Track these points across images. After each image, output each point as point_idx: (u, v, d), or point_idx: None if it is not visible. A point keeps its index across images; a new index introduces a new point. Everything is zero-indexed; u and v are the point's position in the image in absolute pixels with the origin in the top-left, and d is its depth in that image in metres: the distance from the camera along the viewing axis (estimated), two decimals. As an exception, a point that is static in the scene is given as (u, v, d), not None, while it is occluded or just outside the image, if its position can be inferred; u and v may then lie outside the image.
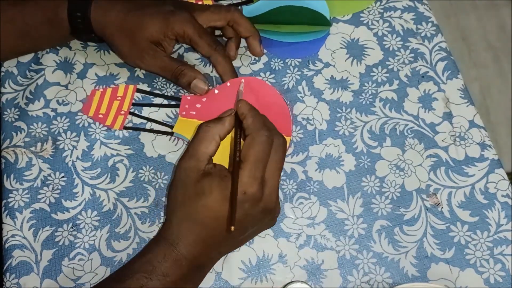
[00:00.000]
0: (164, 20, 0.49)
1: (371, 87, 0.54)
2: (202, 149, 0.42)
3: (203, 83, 0.51)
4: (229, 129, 0.44)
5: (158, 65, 0.51)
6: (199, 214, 0.41)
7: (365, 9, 0.58)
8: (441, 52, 0.55)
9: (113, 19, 0.49)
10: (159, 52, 0.50)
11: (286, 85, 0.54)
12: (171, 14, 0.49)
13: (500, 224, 0.48)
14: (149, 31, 0.49)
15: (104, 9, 0.49)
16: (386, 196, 0.49)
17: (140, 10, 0.49)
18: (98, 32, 0.50)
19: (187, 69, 0.51)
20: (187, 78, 0.50)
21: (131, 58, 0.51)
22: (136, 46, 0.50)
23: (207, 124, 0.44)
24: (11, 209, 0.48)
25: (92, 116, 0.52)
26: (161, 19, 0.49)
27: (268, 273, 0.46)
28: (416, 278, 0.46)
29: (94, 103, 0.52)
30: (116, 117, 0.52)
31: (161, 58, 0.50)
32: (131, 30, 0.49)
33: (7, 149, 0.50)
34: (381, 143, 0.51)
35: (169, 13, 0.49)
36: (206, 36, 0.50)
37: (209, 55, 0.51)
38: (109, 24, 0.49)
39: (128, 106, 0.52)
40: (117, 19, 0.49)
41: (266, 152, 0.42)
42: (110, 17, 0.49)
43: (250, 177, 0.41)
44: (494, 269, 0.46)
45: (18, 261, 0.46)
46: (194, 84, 0.50)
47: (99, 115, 0.52)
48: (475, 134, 0.51)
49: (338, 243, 0.47)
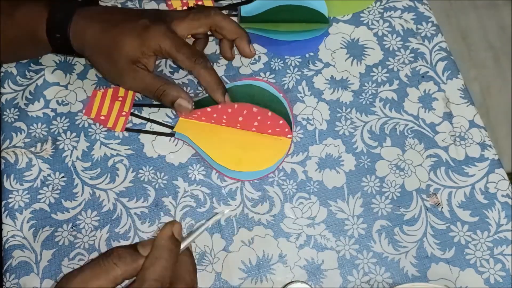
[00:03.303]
0: (139, 37, 0.46)
1: (371, 87, 0.54)
2: (94, 283, 0.34)
3: (187, 102, 0.48)
4: (133, 274, 0.36)
5: (138, 86, 0.49)
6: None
7: (365, 9, 0.58)
8: (441, 52, 0.55)
9: (90, 40, 0.47)
10: (138, 72, 0.47)
11: (286, 85, 0.54)
12: (145, 29, 0.46)
13: (500, 224, 0.48)
14: (125, 50, 0.46)
15: (82, 28, 0.47)
16: (386, 196, 0.49)
17: (115, 28, 0.47)
18: (78, 52, 0.49)
19: (169, 88, 0.48)
20: (170, 98, 0.48)
21: (111, 78, 0.50)
22: (114, 66, 0.48)
23: (119, 259, 0.35)
24: (11, 210, 0.48)
25: (93, 118, 0.52)
26: (135, 36, 0.46)
27: (268, 273, 0.46)
28: (416, 278, 0.46)
29: (96, 105, 0.52)
30: (117, 119, 0.52)
31: (141, 78, 0.48)
32: (108, 51, 0.47)
33: (7, 149, 0.50)
34: (381, 143, 0.51)
35: (143, 29, 0.46)
36: (184, 48, 0.47)
37: (190, 69, 0.48)
38: (87, 44, 0.48)
39: (129, 107, 0.52)
40: (94, 39, 0.47)
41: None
42: (87, 37, 0.47)
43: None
44: (494, 269, 0.46)
45: (18, 261, 0.46)
46: (178, 104, 0.48)
47: (101, 116, 0.52)
48: (475, 134, 0.51)
49: (338, 243, 0.47)
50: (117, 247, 0.37)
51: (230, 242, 0.47)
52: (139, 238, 0.47)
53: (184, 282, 0.36)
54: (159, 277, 0.34)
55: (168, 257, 0.35)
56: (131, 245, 0.37)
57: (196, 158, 0.50)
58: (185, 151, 0.51)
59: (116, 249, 0.36)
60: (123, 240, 0.47)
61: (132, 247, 0.37)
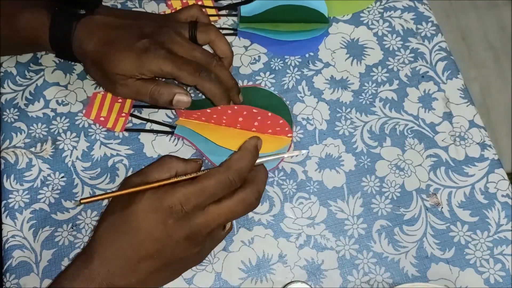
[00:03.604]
0: (138, 59, 0.46)
1: (371, 87, 0.54)
2: (154, 174, 0.41)
3: (185, 95, 0.48)
4: (188, 171, 0.42)
5: (132, 92, 0.48)
6: (123, 224, 0.38)
7: (365, 9, 0.58)
8: (441, 52, 0.55)
9: (88, 52, 0.47)
10: (130, 79, 0.47)
11: (286, 85, 0.54)
12: (145, 52, 0.45)
13: (500, 224, 0.48)
14: (122, 69, 0.46)
15: (82, 40, 0.47)
16: (386, 196, 0.49)
17: (114, 45, 0.47)
18: (80, 59, 0.50)
19: (163, 87, 0.48)
20: (166, 97, 0.48)
21: (105, 87, 0.51)
22: (109, 79, 0.48)
23: (171, 157, 0.43)
24: (11, 210, 0.48)
25: (94, 119, 0.52)
26: (134, 58, 0.46)
27: (268, 273, 0.46)
28: (416, 278, 0.46)
29: (96, 106, 0.52)
30: (117, 120, 0.52)
31: (133, 84, 0.47)
32: (104, 66, 0.47)
33: (7, 149, 0.50)
34: (381, 143, 0.51)
35: (143, 51, 0.46)
36: (185, 66, 0.46)
37: (194, 84, 0.47)
38: (86, 55, 0.48)
39: (129, 108, 0.52)
40: (92, 52, 0.47)
41: (237, 210, 0.40)
42: (87, 49, 0.47)
43: (192, 194, 0.38)
44: (494, 269, 0.46)
45: (18, 262, 0.46)
46: (176, 100, 0.48)
47: (101, 117, 0.52)
48: (475, 134, 0.51)
49: (338, 243, 0.47)
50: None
51: (230, 242, 0.47)
52: (139, 238, 0.47)
53: (256, 186, 0.41)
54: (240, 170, 0.40)
55: (251, 159, 0.41)
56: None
57: (196, 158, 0.50)
58: (185, 151, 0.51)
59: (167, 155, 0.43)
60: (123, 240, 0.47)
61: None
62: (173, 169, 0.42)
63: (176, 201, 0.38)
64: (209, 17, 0.55)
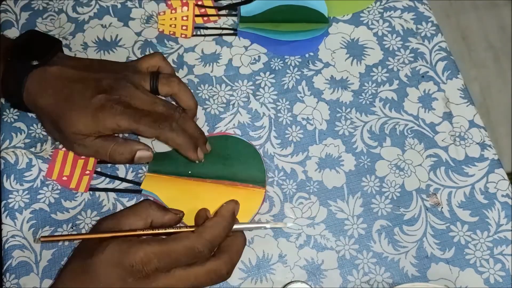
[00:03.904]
0: (94, 118, 0.43)
1: (371, 87, 0.54)
2: (128, 220, 0.40)
3: (146, 151, 0.46)
4: (165, 223, 0.41)
5: (90, 152, 0.46)
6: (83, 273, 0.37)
7: (365, 9, 0.58)
8: (441, 52, 0.55)
9: (42, 108, 0.45)
10: (88, 138, 0.45)
11: (286, 85, 0.54)
12: (100, 110, 0.43)
13: (500, 224, 0.48)
14: (77, 127, 0.44)
15: (34, 94, 0.45)
16: (386, 196, 0.49)
17: (67, 102, 0.44)
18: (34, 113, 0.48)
19: (123, 146, 0.46)
20: (127, 156, 0.46)
21: (62, 144, 0.49)
22: (64, 137, 0.45)
23: (150, 203, 0.41)
24: (11, 210, 0.48)
25: (56, 180, 0.49)
26: (89, 116, 0.43)
27: (268, 273, 0.46)
28: (416, 278, 0.46)
29: (58, 165, 0.49)
30: (81, 178, 0.48)
31: (91, 143, 0.45)
32: (59, 124, 0.44)
33: (7, 149, 0.50)
34: (381, 143, 0.51)
35: (98, 109, 0.43)
36: (144, 118, 0.43)
37: (155, 136, 0.44)
38: (38, 110, 0.46)
39: (93, 165, 0.49)
40: (45, 108, 0.45)
41: (205, 280, 0.39)
42: (39, 104, 0.45)
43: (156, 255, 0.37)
44: (494, 269, 0.46)
45: (18, 262, 0.46)
46: (138, 157, 0.46)
47: (63, 177, 0.49)
48: (475, 134, 0.51)
49: (338, 243, 0.47)
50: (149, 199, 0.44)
51: (230, 242, 0.47)
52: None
53: (230, 257, 0.40)
54: (212, 239, 0.39)
55: (225, 227, 0.40)
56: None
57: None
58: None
59: (148, 199, 0.43)
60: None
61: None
62: (150, 217, 0.40)
63: (138, 260, 0.37)
64: (172, 68, 0.50)
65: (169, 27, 0.56)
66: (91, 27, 0.56)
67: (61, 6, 0.57)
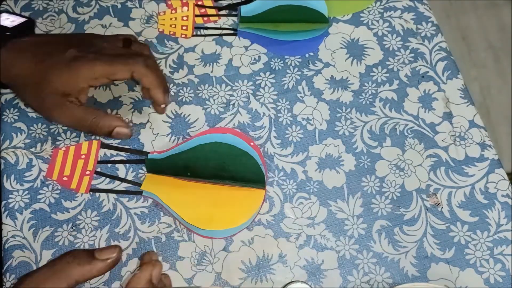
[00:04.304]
0: (68, 69, 0.43)
1: (371, 87, 0.54)
2: (47, 284, 0.37)
3: (125, 128, 0.46)
4: (93, 275, 0.38)
5: (69, 121, 0.45)
6: None
7: (365, 9, 0.58)
8: (441, 52, 0.55)
9: (17, 75, 0.45)
10: (68, 106, 0.44)
11: (286, 85, 0.54)
12: (74, 60, 0.43)
13: (500, 224, 0.48)
14: (55, 85, 0.43)
15: (8, 63, 0.44)
16: (386, 196, 0.49)
17: (42, 63, 0.44)
18: (7, 85, 0.47)
19: (103, 120, 0.45)
20: (105, 130, 0.45)
21: (40, 113, 0.48)
22: (43, 102, 0.45)
23: (72, 260, 0.38)
24: (11, 210, 0.48)
25: (56, 180, 0.49)
26: (64, 68, 0.43)
27: (268, 273, 0.46)
28: (416, 278, 0.46)
29: (57, 164, 0.49)
30: (81, 179, 0.49)
31: (71, 113, 0.44)
32: (36, 87, 0.44)
33: (7, 150, 0.50)
34: (381, 143, 0.51)
35: (72, 59, 0.43)
36: (118, 58, 0.44)
37: (131, 72, 0.44)
38: (14, 80, 0.45)
39: (93, 165, 0.49)
40: (21, 75, 0.44)
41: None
42: (14, 73, 0.45)
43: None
44: (494, 269, 0.46)
45: (18, 261, 0.46)
46: (116, 132, 0.46)
47: (63, 177, 0.49)
48: (475, 134, 0.51)
49: (338, 243, 0.47)
50: (74, 249, 0.39)
51: (230, 242, 0.47)
52: (139, 238, 0.47)
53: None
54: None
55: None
56: (89, 249, 0.40)
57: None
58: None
59: (72, 251, 0.39)
60: (123, 240, 0.47)
61: (89, 251, 0.39)
62: (72, 278, 0.37)
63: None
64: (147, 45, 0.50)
65: (169, 27, 0.56)
66: (91, 27, 0.56)
67: (61, 6, 0.57)
